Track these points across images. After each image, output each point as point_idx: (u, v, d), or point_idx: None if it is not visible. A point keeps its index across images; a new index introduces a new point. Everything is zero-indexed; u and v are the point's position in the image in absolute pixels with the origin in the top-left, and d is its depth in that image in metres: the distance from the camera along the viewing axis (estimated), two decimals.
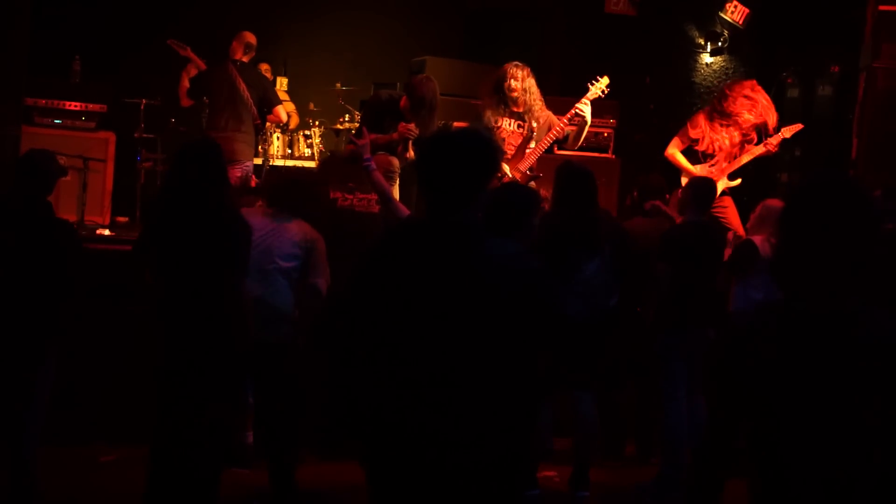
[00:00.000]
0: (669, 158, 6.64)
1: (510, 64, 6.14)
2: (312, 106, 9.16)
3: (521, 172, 6.02)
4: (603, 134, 7.57)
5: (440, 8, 9.95)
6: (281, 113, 7.65)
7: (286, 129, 8.69)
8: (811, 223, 2.00)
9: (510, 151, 6.04)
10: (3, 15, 6.43)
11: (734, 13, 8.27)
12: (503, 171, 5.94)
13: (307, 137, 8.80)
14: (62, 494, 4.63)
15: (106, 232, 6.98)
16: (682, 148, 6.63)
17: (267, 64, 8.77)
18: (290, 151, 8.67)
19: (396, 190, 6.14)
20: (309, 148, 8.76)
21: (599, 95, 6.12)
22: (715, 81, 8.51)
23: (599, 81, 6.10)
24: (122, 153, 8.02)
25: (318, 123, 8.93)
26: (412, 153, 6.07)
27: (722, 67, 8.58)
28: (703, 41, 8.55)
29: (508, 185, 5.39)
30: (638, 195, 5.99)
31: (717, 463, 2.15)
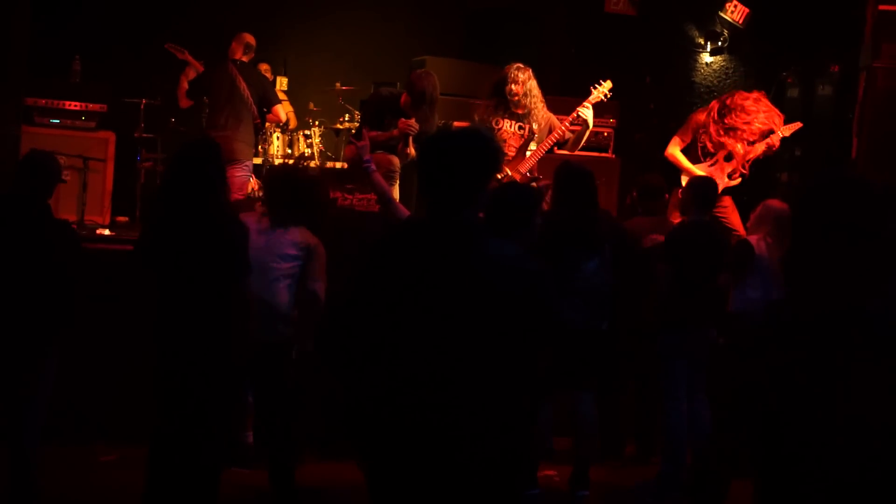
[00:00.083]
0: (669, 158, 6.63)
1: (511, 66, 6.11)
2: (312, 106, 9.16)
3: (520, 174, 6.01)
4: (603, 133, 7.56)
5: (440, 8, 9.93)
6: (280, 112, 7.65)
7: (286, 128, 8.69)
8: (828, 221, 1.99)
9: (510, 153, 6.04)
10: (3, 15, 6.43)
11: (734, 13, 8.26)
12: (504, 172, 5.94)
13: (307, 137, 8.79)
14: (62, 494, 4.64)
15: (106, 232, 6.97)
16: (682, 147, 6.63)
17: (267, 64, 8.77)
18: (289, 151, 8.67)
19: (396, 190, 6.14)
20: (309, 148, 8.76)
21: (601, 99, 6.11)
22: (715, 81, 8.51)
23: (602, 85, 6.09)
24: (122, 153, 8.01)
25: (317, 123, 8.93)
26: (412, 149, 6.06)
27: (722, 67, 8.58)
28: (703, 41, 8.55)
29: (509, 184, 5.40)
30: (637, 195, 5.99)
31: (724, 462, 2.14)
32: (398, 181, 6.22)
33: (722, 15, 8.34)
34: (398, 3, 9.98)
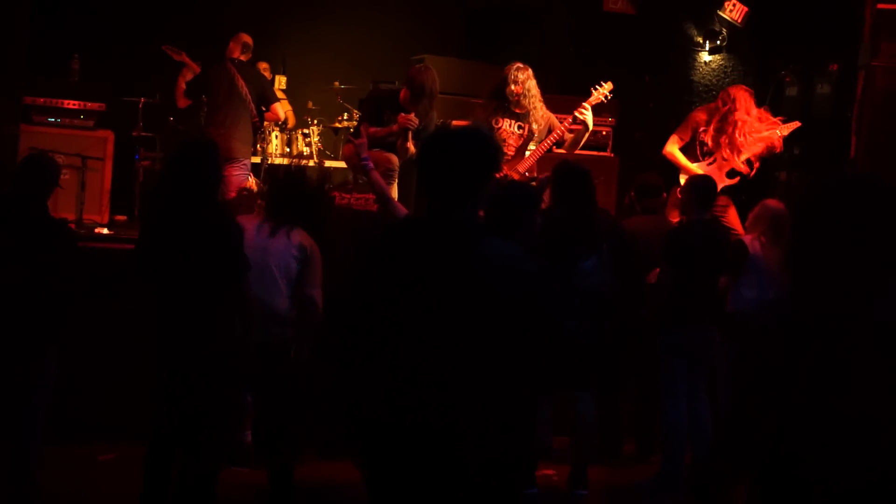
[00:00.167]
0: (668, 156, 6.63)
1: (511, 66, 6.11)
2: (311, 104, 9.15)
3: (519, 174, 6.01)
4: (602, 132, 7.56)
5: (439, 7, 9.93)
6: (279, 111, 7.65)
7: (285, 127, 8.69)
8: (839, 221, 1.99)
9: (510, 153, 6.04)
10: (2, 14, 6.42)
11: (733, 11, 8.25)
12: (503, 171, 5.94)
13: (306, 136, 8.79)
14: (62, 494, 4.64)
15: (104, 230, 6.97)
16: (680, 145, 6.62)
17: (266, 63, 8.77)
18: (288, 150, 8.66)
19: (395, 189, 6.13)
20: (307, 146, 8.76)
21: (602, 101, 6.11)
22: (714, 80, 8.50)
23: (603, 87, 6.09)
24: (120, 152, 8.00)
25: (316, 122, 8.92)
26: (412, 145, 6.05)
27: (721, 66, 8.57)
28: (701, 39, 8.54)
29: (509, 183, 5.39)
30: (636, 194, 5.98)
31: (734, 460, 2.14)
32: (397, 180, 6.21)
33: (721, 14, 8.33)
34: (397, 1, 9.97)
